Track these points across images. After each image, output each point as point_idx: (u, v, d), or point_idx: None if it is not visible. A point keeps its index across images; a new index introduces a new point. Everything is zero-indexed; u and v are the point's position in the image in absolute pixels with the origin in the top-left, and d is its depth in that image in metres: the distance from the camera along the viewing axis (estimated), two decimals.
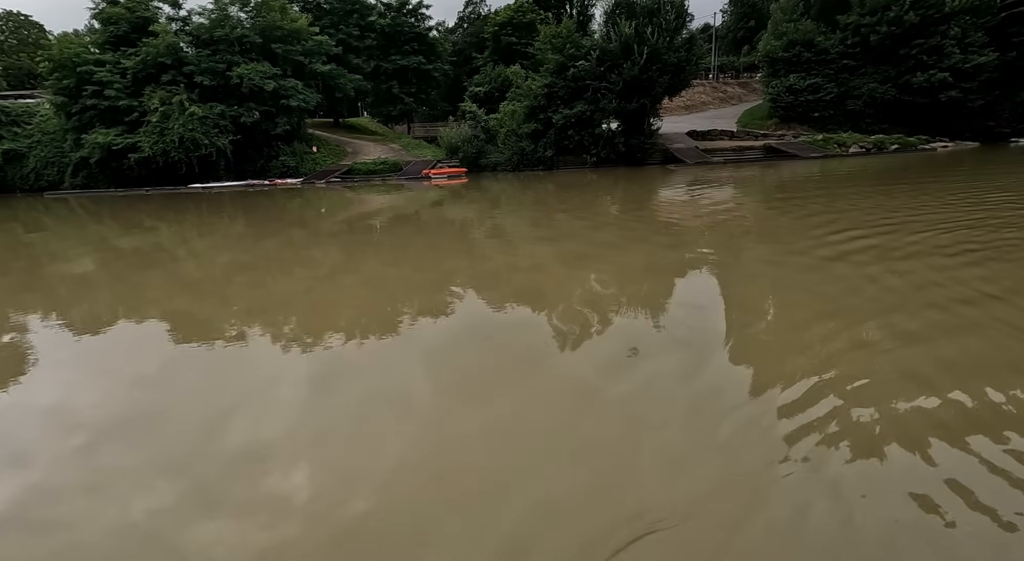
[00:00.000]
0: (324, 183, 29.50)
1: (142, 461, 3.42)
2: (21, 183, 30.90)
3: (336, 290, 8.43)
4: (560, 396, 4.22)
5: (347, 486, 3.14)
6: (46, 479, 3.25)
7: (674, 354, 5.01)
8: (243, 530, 2.74)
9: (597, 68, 28.40)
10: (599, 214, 15.39)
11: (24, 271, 11.23)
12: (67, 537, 2.74)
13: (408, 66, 38.81)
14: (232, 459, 3.44)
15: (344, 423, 3.95)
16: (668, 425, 3.71)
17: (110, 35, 29.76)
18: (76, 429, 3.94)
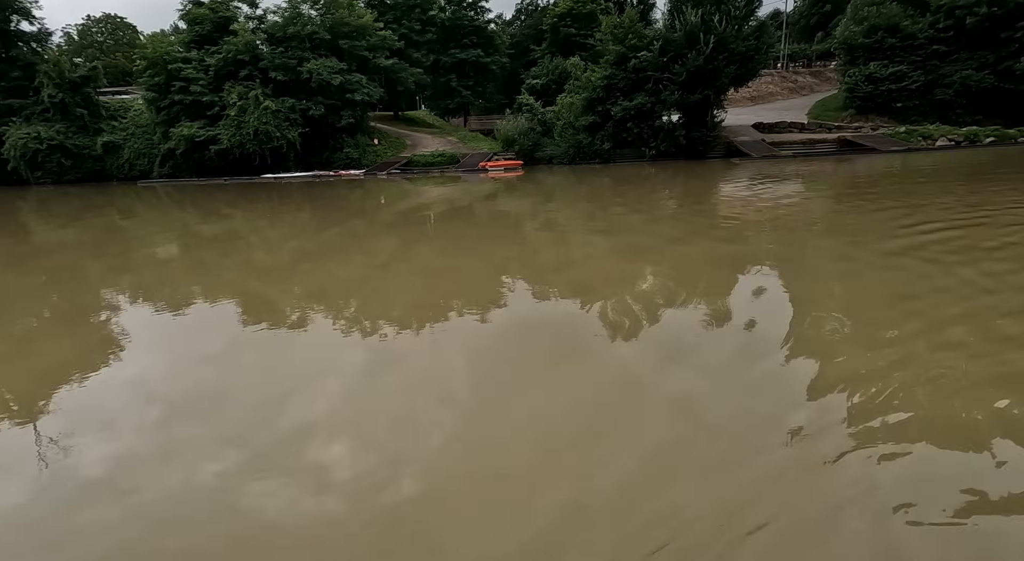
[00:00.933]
0: (385, 175, 30.44)
1: (207, 432, 3.75)
2: (117, 172, 33.73)
3: (391, 278, 8.76)
4: (607, 390, 4.23)
5: (388, 466, 3.32)
6: (128, 446, 3.64)
7: (730, 352, 4.89)
8: (292, 500, 2.98)
9: (659, 59, 27.60)
10: (656, 208, 15.07)
11: (118, 254, 12.36)
12: (143, 498, 3.07)
13: (466, 59, 39.19)
14: (285, 434, 3.71)
15: (390, 406, 4.14)
16: (718, 426, 3.65)
17: (195, 34, 31.87)
18: (153, 401, 4.36)
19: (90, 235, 14.96)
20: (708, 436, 3.53)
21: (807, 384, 4.10)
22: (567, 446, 3.50)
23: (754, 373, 4.39)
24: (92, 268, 10.74)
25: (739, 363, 4.64)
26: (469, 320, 6.24)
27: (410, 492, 3.06)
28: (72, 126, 32.65)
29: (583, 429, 3.68)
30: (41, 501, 3.03)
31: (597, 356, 4.99)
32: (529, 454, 3.43)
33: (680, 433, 3.57)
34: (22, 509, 2.98)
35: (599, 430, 3.67)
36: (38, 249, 13.26)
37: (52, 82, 32.03)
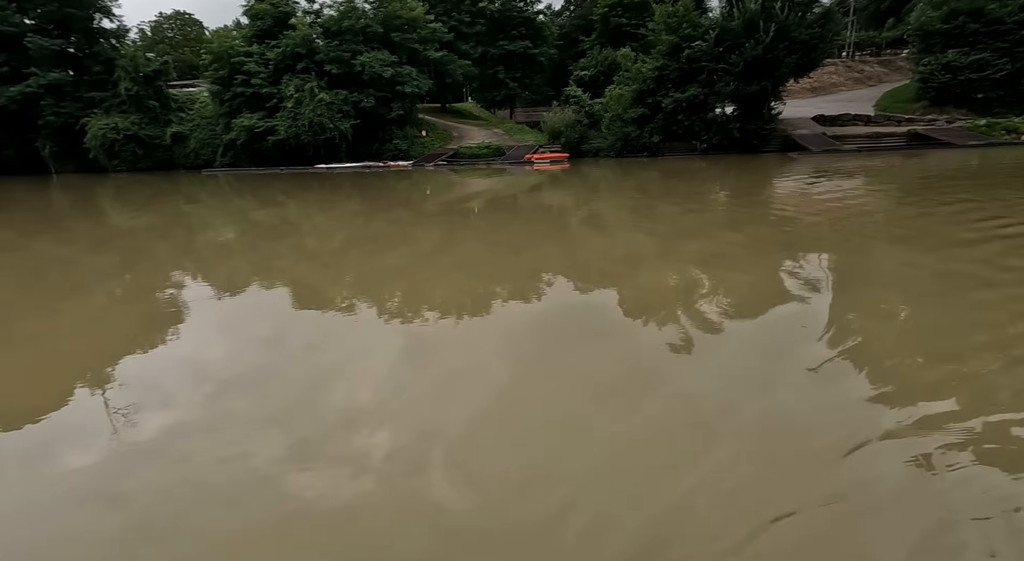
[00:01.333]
0: (432, 166, 30.89)
1: (255, 410, 3.97)
2: (184, 161, 35.73)
3: (434, 269, 8.91)
4: (644, 393, 4.17)
5: (423, 451, 3.42)
6: (183, 419, 3.89)
7: (779, 360, 4.70)
8: (330, 479, 3.12)
9: (715, 49, 26.64)
10: (705, 204, 14.64)
11: (182, 237, 13.13)
12: (194, 469, 3.29)
13: (514, 51, 39.05)
14: (326, 415, 3.88)
15: (428, 394, 4.25)
16: (760, 439, 3.55)
17: (257, 29, 33.22)
18: (207, 378, 4.64)
19: (159, 220, 15.96)
20: (739, 446, 3.44)
21: (859, 396, 3.91)
22: (600, 442, 3.49)
23: (800, 380, 4.23)
24: (160, 250, 11.47)
25: (783, 370, 4.49)
26: (509, 312, 6.29)
27: (443, 476, 3.15)
28: (145, 117, 34.76)
29: (617, 428, 3.65)
30: (105, 463, 3.30)
31: (635, 356, 4.93)
32: (563, 448, 3.44)
33: (711, 441, 3.48)
34: (89, 469, 3.25)
35: (633, 432, 3.64)
36: (114, 232, 14.25)
37: (128, 76, 34.14)
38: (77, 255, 11.18)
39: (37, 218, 17.30)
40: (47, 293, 7.97)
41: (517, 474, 3.17)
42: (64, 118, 34.61)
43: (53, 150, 36.39)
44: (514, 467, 3.24)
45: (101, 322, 6.72)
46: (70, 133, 34.97)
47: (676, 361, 4.68)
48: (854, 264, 7.84)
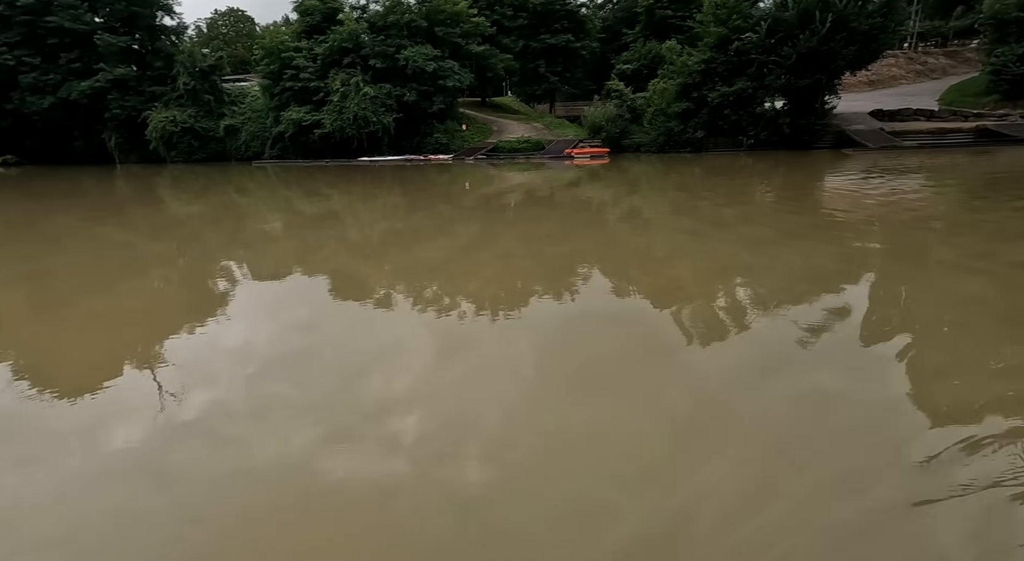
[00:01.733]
0: (472, 160, 31.07)
1: (292, 393, 4.12)
2: (235, 153, 37.20)
3: (471, 261, 8.99)
4: (674, 397, 4.09)
5: (453, 439, 3.48)
6: (225, 399, 4.08)
7: (818, 371, 4.50)
8: (362, 462, 3.23)
9: (766, 40, 25.67)
10: (749, 202, 14.19)
11: (232, 227, 13.69)
12: (234, 449, 3.45)
13: (556, 45, 38.68)
14: (361, 401, 4.00)
15: (460, 384, 4.30)
16: (795, 454, 3.43)
17: (306, 25, 34.15)
18: (249, 361, 4.83)
19: (211, 210, 16.69)
20: (782, 458, 3.33)
21: (913, 414, 3.72)
22: (628, 445, 3.45)
23: (846, 395, 4.06)
24: (211, 238, 12.00)
25: (829, 382, 4.31)
26: (543, 307, 6.28)
27: (471, 463, 3.21)
28: (200, 111, 36.33)
29: (646, 431, 3.60)
30: (153, 439, 3.51)
31: (668, 357, 4.84)
32: (590, 446, 3.42)
33: (758, 453, 3.39)
34: (138, 444, 3.46)
35: (662, 436, 3.58)
36: (170, 220, 15.00)
37: (187, 71, 35.71)
38: (137, 240, 11.83)
39: (102, 205, 18.39)
40: (109, 276, 8.47)
41: (544, 467, 3.18)
42: (128, 111, 36.58)
43: (118, 141, 38.55)
44: (541, 459, 3.25)
45: (155, 305, 7.10)
46: (133, 125, 36.94)
47: (713, 367, 4.57)
48: (908, 268, 7.45)
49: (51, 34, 35.25)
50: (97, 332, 5.91)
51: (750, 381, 4.19)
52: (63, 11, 35.12)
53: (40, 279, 8.34)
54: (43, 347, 5.52)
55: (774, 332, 5.17)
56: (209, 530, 2.70)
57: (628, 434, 3.49)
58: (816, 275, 7.23)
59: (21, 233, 12.89)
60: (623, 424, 3.61)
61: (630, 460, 3.22)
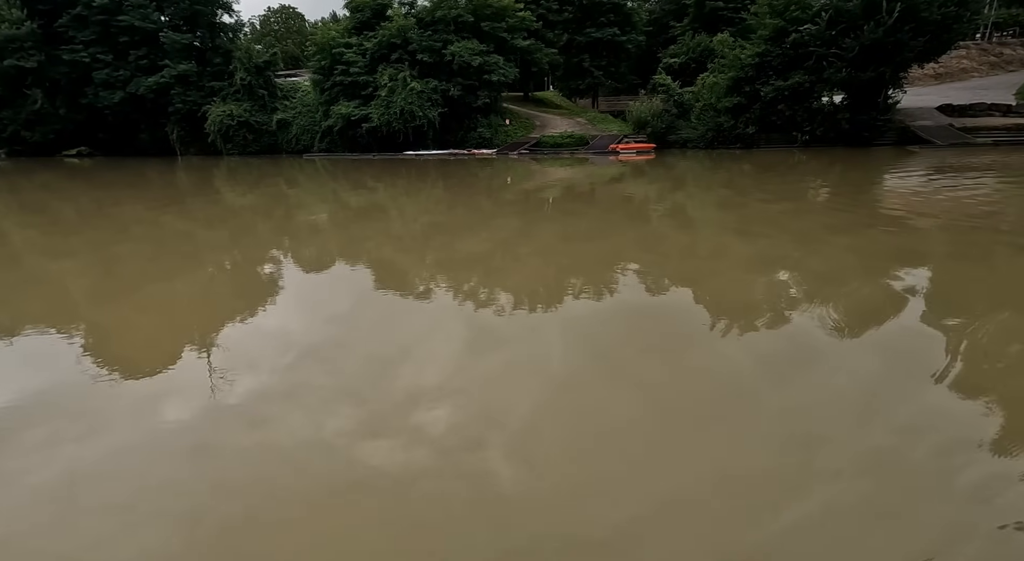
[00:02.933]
0: (516, 155, 31.08)
1: (327, 382, 4.24)
2: (286, 146, 38.55)
3: (509, 256, 9.00)
4: (709, 398, 3.95)
5: (483, 431, 3.50)
6: (263, 385, 4.23)
7: (870, 380, 4.28)
8: (394, 448, 3.30)
9: (827, 32, 24.45)
10: (801, 201, 13.60)
11: (282, 218, 14.19)
12: (271, 432, 3.57)
13: (601, 38, 38.04)
14: (393, 390, 4.07)
15: (493, 377, 4.31)
16: (862, 479, 3.27)
17: (356, 21, 34.93)
18: (288, 349, 4.99)
19: (263, 201, 17.36)
20: (812, 468, 3.18)
21: (968, 435, 3.49)
22: (656, 443, 3.37)
23: (902, 412, 3.84)
24: (262, 228, 12.48)
25: (881, 397, 4.09)
26: (580, 304, 6.22)
27: (500, 456, 3.22)
28: (255, 105, 37.78)
29: (678, 429, 3.51)
30: (198, 419, 3.70)
31: (706, 359, 4.69)
32: (620, 443, 3.37)
33: (794, 467, 3.25)
34: (184, 423, 3.65)
35: (695, 434, 3.48)
36: (225, 210, 15.70)
37: (243, 67, 37.19)
38: (194, 229, 12.43)
39: (165, 195, 19.43)
40: (169, 262, 8.94)
41: (572, 462, 3.17)
42: (189, 105, 38.45)
43: (179, 134, 40.60)
44: (569, 455, 3.24)
45: (208, 291, 7.44)
46: (193, 119, 38.81)
47: (753, 368, 4.41)
48: (976, 277, 6.96)
49: (122, 32, 37.37)
50: (155, 316, 6.25)
51: (790, 383, 4.02)
52: (134, 10, 37.17)
53: (109, 265, 8.88)
54: (108, 328, 5.88)
55: (818, 336, 4.93)
56: (242, 504, 2.85)
57: (660, 434, 3.43)
58: (869, 277, 6.86)
59: (92, 221, 13.77)
60: (655, 424, 3.54)
61: (660, 458, 3.17)
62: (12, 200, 18.43)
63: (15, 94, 37.46)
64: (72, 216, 14.60)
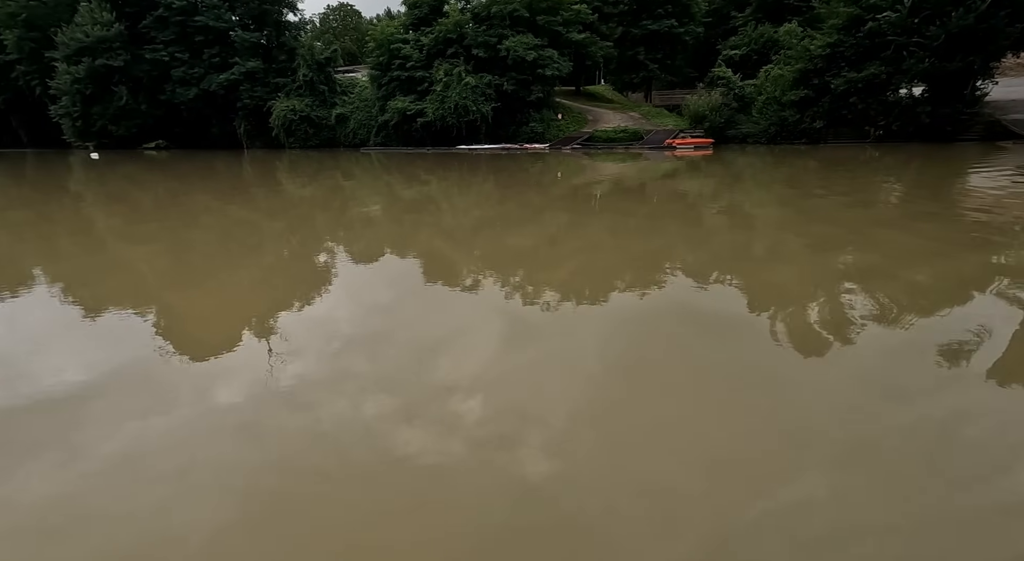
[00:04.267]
0: (569, 149, 30.81)
1: (368, 371, 4.34)
2: (344, 140, 39.86)
3: (556, 252, 8.91)
4: (755, 405, 3.75)
5: (515, 425, 3.49)
6: (308, 372, 4.36)
7: (948, 403, 3.94)
8: (427, 437, 3.35)
9: (908, 19, 22.75)
10: (872, 200, 12.75)
11: (338, 210, 14.66)
12: (314, 417, 3.69)
13: (658, 31, 36.94)
14: (431, 381, 4.11)
15: (530, 372, 4.27)
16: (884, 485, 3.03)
17: (414, 17, 35.57)
18: (332, 338, 5.13)
19: (321, 193, 18.01)
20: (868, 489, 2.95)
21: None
22: (693, 444, 3.23)
23: (969, 431, 3.52)
24: (319, 220, 12.94)
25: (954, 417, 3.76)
26: (622, 302, 6.07)
27: (530, 451, 3.21)
28: (316, 100, 39.22)
29: (712, 441, 3.34)
30: (248, 402, 3.88)
31: (752, 361, 4.45)
32: (655, 444, 3.26)
33: (851, 498, 3.03)
34: (236, 405, 3.84)
35: (737, 438, 3.31)
36: (286, 201, 16.39)
37: (306, 63, 38.65)
38: (258, 219, 13.04)
39: (232, 186, 20.51)
40: (233, 250, 9.41)
41: (606, 459, 3.11)
42: (256, 101, 40.41)
43: (246, 128, 42.76)
44: (604, 452, 3.18)
45: (266, 279, 7.78)
46: (259, 114, 40.76)
47: (804, 381, 4.14)
48: None
49: (197, 32, 39.66)
50: (216, 300, 6.59)
51: (842, 399, 3.75)
52: (209, 11, 39.36)
53: (179, 251, 9.46)
54: (175, 310, 6.26)
55: (878, 351, 4.58)
56: (285, 480, 2.98)
57: (694, 436, 3.30)
58: (947, 287, 6.32)
59: (167, 210, 14.71)
60: (691, 426, 3.41)
61: (693, 459, 3.07)
62: (101, 190, 19.97)
63: (104, 91, 40.52)
64: (150, 205, 15.64)
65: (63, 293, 6.94)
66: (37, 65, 43.21)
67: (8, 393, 4.08)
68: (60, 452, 3.27)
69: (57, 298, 6.74)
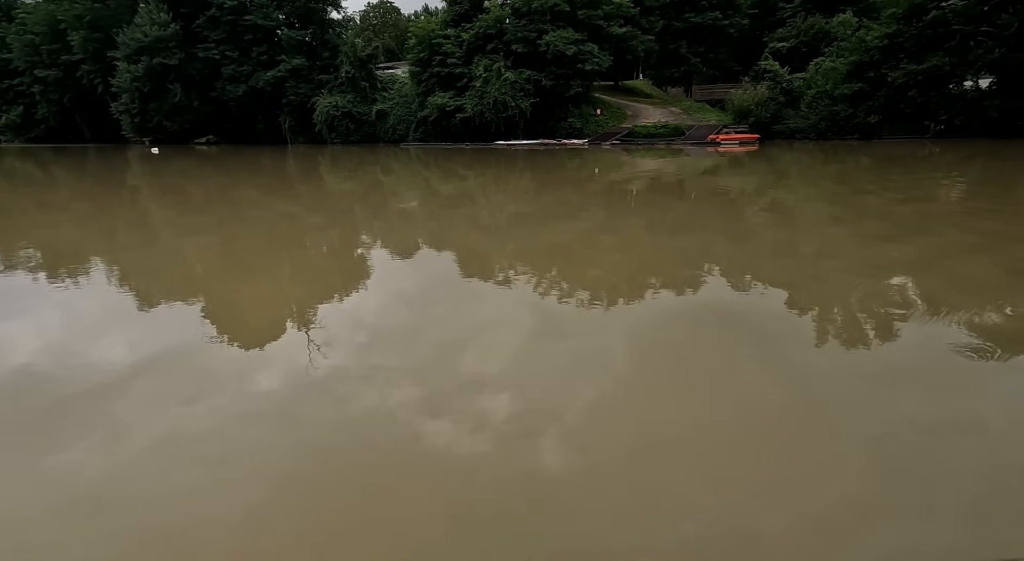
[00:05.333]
0: (609, 145, 30.43)
1: (400, 363, 4.36)
2: (383, 135, 40.56)
3: (591, 248, 8.77)
4: (785, 411, 3.55)
5: (541, 421, 3.45)
6: (340, 362, 4.42)
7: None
8: (453, 431, 3.36)
9: (977, 7, 21.37)
10: (931, 198, 12.05)
11: (376, 204, 14.90)
12: (345, 406, 3.74)
13: (701, 23, 35.90)
14: (457, 376, 4.11)
15: (560, 369, 4.19)
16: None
17: (454, 13, 35.78)
18: (367, 329, 5.19)
19: (360, 187, 18.35)
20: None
21: None
22: (722, 450, 3.09)
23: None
24: (358, 213, 13.18)
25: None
26: (656, 301, 5.90)
27: (554, 448, 3.17)
28: (357, 97, 40.01)
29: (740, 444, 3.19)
30: (285, 390, 3.95)
31: (789, 365, 4.23)
32: (683, 447, 3.15)
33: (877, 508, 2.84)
34: (274, 393, 3.92)
35: (766, 443, 3.14)
36: (327, 195, 16.78)
37: (349, 60, 39.45)
38: (299, 212, 13.39)
39: (276, 181, 21.15)
40: (278, 243, 9.68)
41: (631, 460, 3.03)
42: (300, 97, 41.55)
43: (290, 124, 44.04)
44: (629, 453, 3.10)
45: (306, 271, 7.96)
46: (303, 110, 41.90)
47: (841, 387, 3.91)
48: None
49: (247, 31, 41.05)
50: (264, 292, 6.78)
51: (895, 412, 3.52)
52: (258, 10, 40.65)
53: (226, 242, 9.80)
54: (219, 300, 6.47)
55: (930, 363, 4.28)
56: (317, 468, 3.04)
57: (725, 442, 3.18)
58: (1010, 291, 5.87)
59: (216, 203, 15.29)
60: (721, 432, 3.28)
61: (720, 465, 2.95)
62: (156, 183, 20.95)
63: (160, 89, 42.51)
64: (200, 198, 16.29)
65: (118, 281, 7.29)
66: (100, 64, 45.70)
67: (63, 373, 4.30)
68: (108, 431, 3.42)
69: (113, 285, 7.09)
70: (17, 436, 3.43)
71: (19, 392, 3.98)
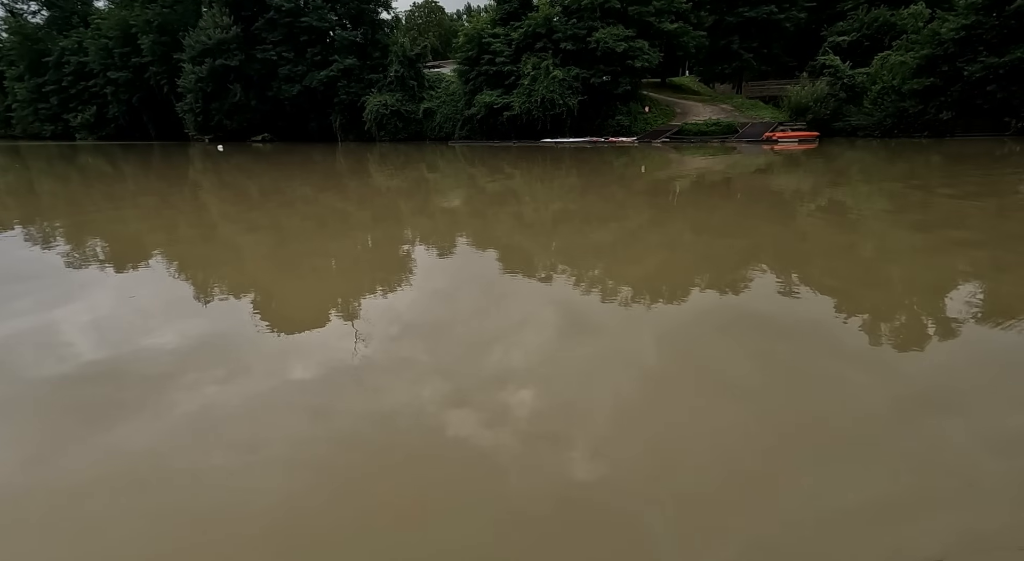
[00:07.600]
0: (659, 143, 29.79)
1: (425, 357, 4.38)
2: (430, 133, 41.13)
3: (634, 248, 8.56)
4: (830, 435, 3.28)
5: (564, 420, 3.41)
6: (372, 354, 4.47)
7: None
8: (477, 425, 3.38)
9: None
10: (1008, 198, 11.13)
11: (421, 200, 15.08)
12: (374, 398, 3.79)
13: (755, 18, 34.47)
14: (483, 371, 4.11)
15: (589, 369, 4.08)
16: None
17: (503, 12, 35.84)
18: (395, 322, 5.22)
19: (406, 184, 18.64)
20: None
21: None
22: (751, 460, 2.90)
23: None
24: (403, 209, 13.38)
25: None
26: (697, 303, 5.65)
27: (576, 447, 3.14)
28: (405, 95, 40.71)
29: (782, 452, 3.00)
30: (318, 381, 4.05)
31: (832, 375, 3.95)
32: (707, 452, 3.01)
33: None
34: (307, 383, 4.03)
35: (800, 457, 2.94)
36: (374, 192, 17.13)
37: (398, 60, 40.18)
38: (348, 208, 13.72)
39: (327, 177, 21.78)
40: (326, 236, 9.94)
41: (655, 464, 2.95)
42: (351, 96, 42.66)
43: (341, 122, 45.29)
44: (653, 457, 3.02)
45: (351, 266, 8.12)
46: (353, 109, 43.00)
47: (900, 414, 3.61)
48: None
49: (302, 32, 42.47)
50: (311, 284, 6.96)
51: (922, 427, 3.23)
52: (313, 12, 42.01)
53: (278, 236, 10.14)
54: (266, 291, 6.68)
55: (993, 379, 3.90)
56: (346, 457, 3.13)
57: (754, 452, 3.00)
58: None
59: (270, 197, 15.87)
60: (752, 442, 3.10)
61: (745, 473, 2.82)
62: (215, 179, 21.98)
63: (221, 89, 44.59)
64: (255, 193, 16.96)
65: (175, 271, 7.65)
66: (166, 66, 48.39)
67: (112, 355, 4.54)
68: (150, 412, 3.59)
69: (169, 274, 7.44)
70: (76, 413, 3.64)
71: (79, 371, 4.23)
